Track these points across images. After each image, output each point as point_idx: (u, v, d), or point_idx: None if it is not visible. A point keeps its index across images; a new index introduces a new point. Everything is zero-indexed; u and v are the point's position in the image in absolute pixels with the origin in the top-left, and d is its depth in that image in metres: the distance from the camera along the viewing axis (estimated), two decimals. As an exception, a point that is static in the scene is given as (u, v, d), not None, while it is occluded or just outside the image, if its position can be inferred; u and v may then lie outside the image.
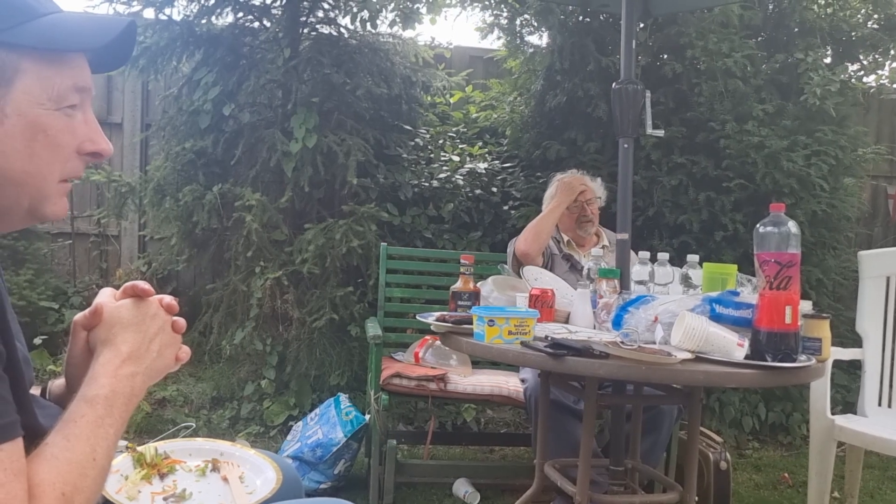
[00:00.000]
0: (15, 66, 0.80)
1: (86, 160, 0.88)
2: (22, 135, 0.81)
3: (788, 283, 1.65)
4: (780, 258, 1.66)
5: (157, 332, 0.92)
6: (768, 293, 1.66)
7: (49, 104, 0.82)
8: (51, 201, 0.86)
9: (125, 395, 0.86)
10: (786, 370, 1.66)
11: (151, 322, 0.92)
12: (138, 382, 0.88)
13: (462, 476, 3.02)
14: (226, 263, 3.93)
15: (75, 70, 0.85)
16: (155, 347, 0.91)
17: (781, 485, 3.37)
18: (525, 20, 4.15)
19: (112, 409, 0.84)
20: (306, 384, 3.73)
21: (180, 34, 3.82)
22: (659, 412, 2.57)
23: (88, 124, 0.87)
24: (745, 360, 1.66)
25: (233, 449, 1.29)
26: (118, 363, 0.87)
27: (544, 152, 3.97)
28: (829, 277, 3.88)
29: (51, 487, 0.74)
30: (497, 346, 1.78)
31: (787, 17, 4.02)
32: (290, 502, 1.14)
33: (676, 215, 3.77)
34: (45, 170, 0.84)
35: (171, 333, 0.94)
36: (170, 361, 0.94)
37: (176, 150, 3.87)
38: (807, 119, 3.81)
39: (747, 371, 1.64)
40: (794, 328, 1.67)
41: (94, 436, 0.80)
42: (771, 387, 3.63)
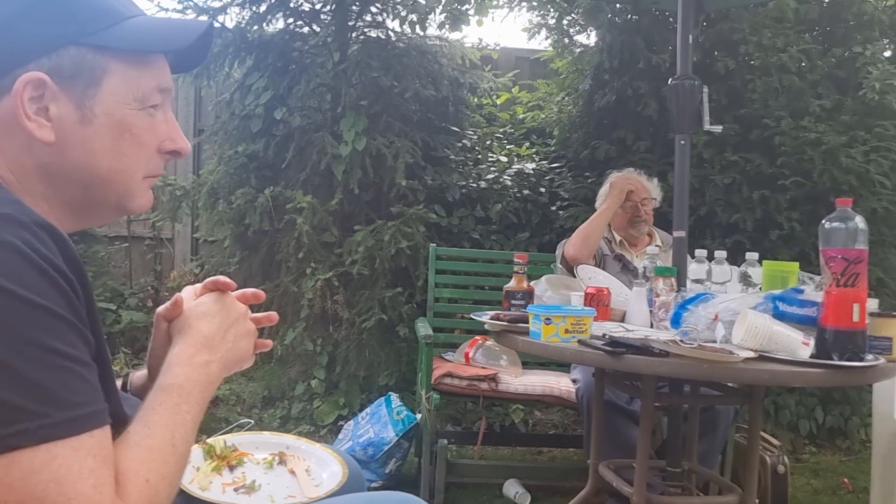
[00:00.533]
0: (104, 68, 0.83)
1: (166, 158, 0.92)
2: (110, 134, 0.84)
3: (856, 279, 1.61)
4: (847, 254, 1.61)
5: (232, 323, 0.94)
6: (835, 290, 1.62)
7: (134, 104, 0.85)
8: (137, 196, 0.89)
9: (201, 383, 0.87)
10: (853, 369, 1.61)
11: (227, 313, 0.94)
12: (214, 370, 0.90)
13: (512, 477, 3.01)
14: (277, 265, 3.99)
15: (158, 71, 0.88)
16: (231, 337, 0.93)
17: (841, 490, 3.27)
18: (573, 19, 4.13)
19: (189, 397, 0.85)
20: (355, 384, 3.76)
21: (233, 40, 3.90)
22: (715, 413, 2.52)
23: (168, 123, 0.90)
24: (810, 359, 1.62)
25: (298, 442, 1.31)
26: (193, 352, 0.89)
27: (593, 152, 3.94)
28: (891, 276, 3.76)
29: (135, 475, 0.76)
30: (554, 345, 1.77)
31: (845, 9, 3.91)
32: (359, 495, 1.15)
33: (729, 214, 3.70)
34: (132, 167, 0.87)
35: (248, 325, 0.96)
36: (246, 352, 0.96)
37: (228, 154, 3.95)
38: (866, 114, 3.70)
39: (813, 370, 1.60)
40: (861, 326, 1.62)
41: (172, 423, 0.82)
42: (838, 386, 3.54)
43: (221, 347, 0.92)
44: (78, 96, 0.82)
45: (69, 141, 0.82)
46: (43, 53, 0.80)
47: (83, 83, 0.82)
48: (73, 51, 0.81)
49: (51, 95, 0.80)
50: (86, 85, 0.82)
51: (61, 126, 0.82)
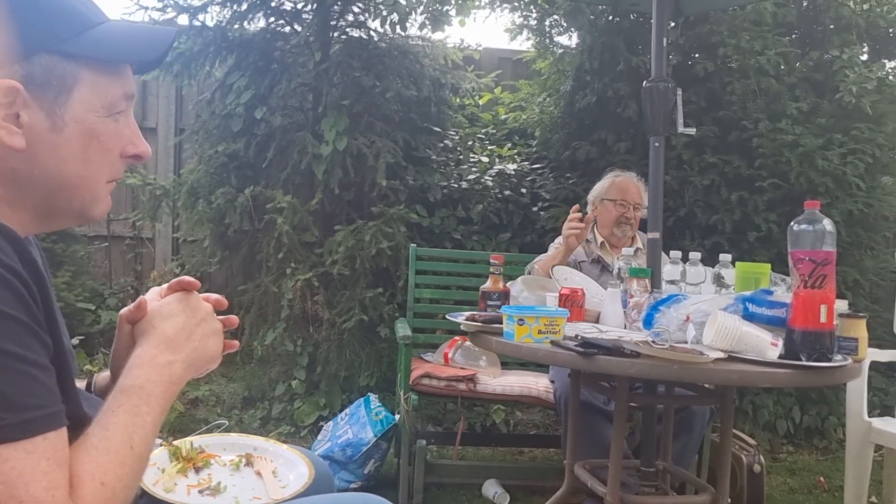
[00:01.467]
0: (74, 76, 0.83)
1: (127, 162, 0.92)
2: (78, 141, 0.85)
3: (823, 281, 1.63)
4: (814, 256, 1.63)
5: (198, 323, 0.93)
6: (803, 292, 1.64)
7: (102, 111, 0.86)
8: (100, 202, 0.90)
9: (162, 384, 0.87)
10: (821, 370, 1.63)
11: (193, 313, 0.94)
12: (177, 371, 0.89)
13: (491, 477, 3.02)
14: (257, 265, 3.98)
15: (125, 78, 0.89)
16: (196, 337, 0.92)
17: (817, 489, 3.31)
18: (554, 21, 4.14)
19: (149, 398, 0.85)
20: (336, 385, 3.76)
21: (213, 39, 3.88)
22: (690, 413, 2.54)
23: (130, 128, 0.91)
24: (779, 360, 1.63)
25: (266, 444, 1.31)
26: (155, 353, 0.89)
27: (574, 153, 3.96)
28: (867, 278, 3.80)
29: (90, 477, 0.76)
30: (527, 345, 1.77)
31: (822, 13, 3.95)
32: (324, 496, 1.15)
33: (708, 215, 3.72)
34: (97, 173, 0.88)
35: (214, 324, 0.96)
36: (213, 352, 0.95)
37: (209, 154, 3.93)
38: (842, 117, 3.74)
39: (781, 371, 1.62)
40: (829, 327, 1.64)
41: (131, 424, 0.82)
42: (806, 387, 3.58)
43: (186, 347, 0.91)
44: (49, 104, 0.82)
45: (39, 148, 0.83)
46: (16, 60, 0.80)
47: (54, 91, 0.82)
48: (45, 58, 0.82)
49: (21, 102, 0.81)
50: (57, 93, 0.82)
51: (31, 133, 0.82)
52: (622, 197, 2.94)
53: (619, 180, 3.01)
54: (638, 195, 2.96)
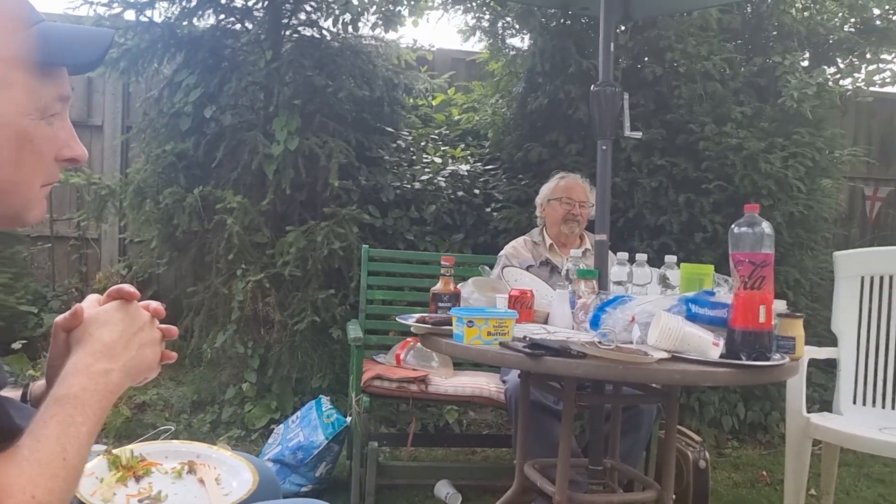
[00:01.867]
0: (7, 78, 0.81)
1: (63, 165, 0.90)
2: (10, 145, 0.82)
3: (762, 282, 1.67)
4: (754, 258, 1.68)
5: (136, 331, 0.92)
6: (743, 293, 1.68)
7: (35, 115, 0.83)
8: (34, 206, 0.87)
9: (99, 393, 0.85)
10: (760, 368, 1.68)
11: (131, 321, 0.92)
12: (114, 379, 0.87)
13: (444, 477, 3.03)
14: (207, 266, 3.91)
15: (60, 80, 0.86)
16: (134, 345, 0.91)
17: (759, 483, 3.40)
18: (506, 23, 4.17)
19: (84, 408, 0.82)
20: (288, 387, 3.72)
21: (161, 36, 3.80)
22: (638, 412, 2.59)
23: (66, 130, 0.89)
24: (720, 359, 1.68)
25: (209, 451, 1.29)
26: (91, 361, 0.87)
27: (526, 154, 3.99)
28: (807, 278, 3.93)
29: (21, 491, 0.74)
30: (476, 347, 1.78)
31: (765, 20, 4.07)
32: (267, 503, 1.14)
33: (657, 217, 3.80)
34: (31, 178, 0.85)
35: (153, 333, 0.94)
36: (151, 361, 0.93)
37: (157, 153, 3.86)
38: (784, 121, 3.85)
39: (722, 370, 1.66)
40: (767, 327, 1.69)
41: (64, 435, 0.80)
42: (745, 385, 3.68)
43: (123, 356, 0.89)
44: None
45: None
46: None
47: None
48: None
49: None
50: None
51: None
52: (567, 195, 3.01)
53: (566, 178, 3.09)
54: (583, 193, 3.03)
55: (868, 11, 4.10)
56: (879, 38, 4.22)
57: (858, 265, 2.96)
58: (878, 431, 2.59)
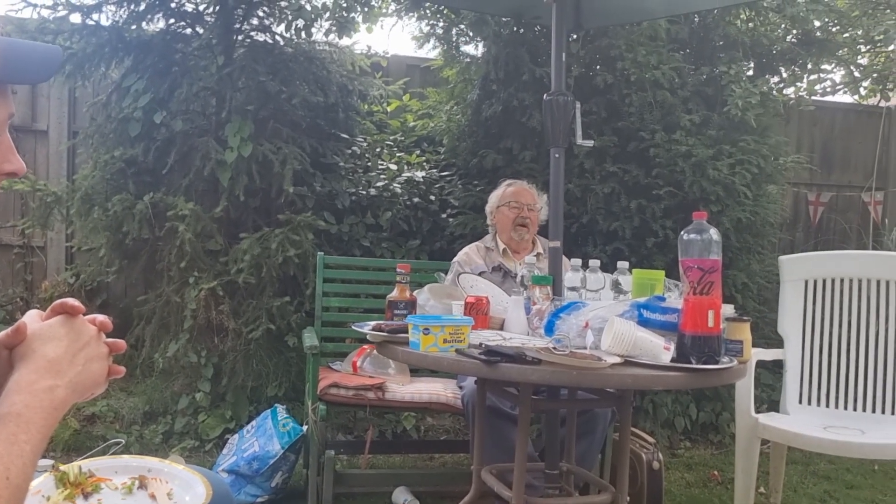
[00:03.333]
0: None
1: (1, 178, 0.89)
2: None
3: (711, 288, 1.72)
4: (702, 264, 1.72)
5: (82, 346, 0.90)
6: (692, 298, 1.73)
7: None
8: None
9: (44, 410, 0.83)
10: (709, 372, 1.72)
11: (77, 335, 0.90)
12: (59, 396, 0.85)
13: (401, 484, 3.03)
14: (158, 274, 3.84)
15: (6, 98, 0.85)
16: (80, 361, 0.89)
17: (711, 482, 3.48)
18: (460, 30, 4.19)
19: (28, 426, 0.80)
20: (243, 396, 3.67)
21: (109, 40, 3.72)
22: (593, 415, 2.62)
23: (5, 144, 0.88)
24: (671, 363, 1.72)
25: (161, 465, 1.26)
26: (35, 377, 0.84)
27: (481, 161, 4.02)
28: (754, 281, 4.04)
29: None
30: (432, 355, 1.79)
31: (712, 31, 4.17)
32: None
33: (609, 222, 3.86)
34: None
35: (101, 348, 0.92)
36: (98, 377, 0.91)
37: (105, 159, 3.77)
38: (730, 129, 3.96)
39: (673, 374, 1.70)
40: (716, 331, 1.74)
41: (6, 454, 0.77)
42: (696, 388, 3.76)
43: (69, 372, 0.87)
44: None
45: None
46: None
47: None
48: None
49: None
50: None
51: None
52: (516, 199, 3.05)
53: (514, 185, 3.14)
54: (531, 197, 3.08)
55: (809, 24, 4.24)
56: (819, 50, 4.37)
57: (802, 269, 3.05)
58: (823, 430, 2.67)
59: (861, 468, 3.69)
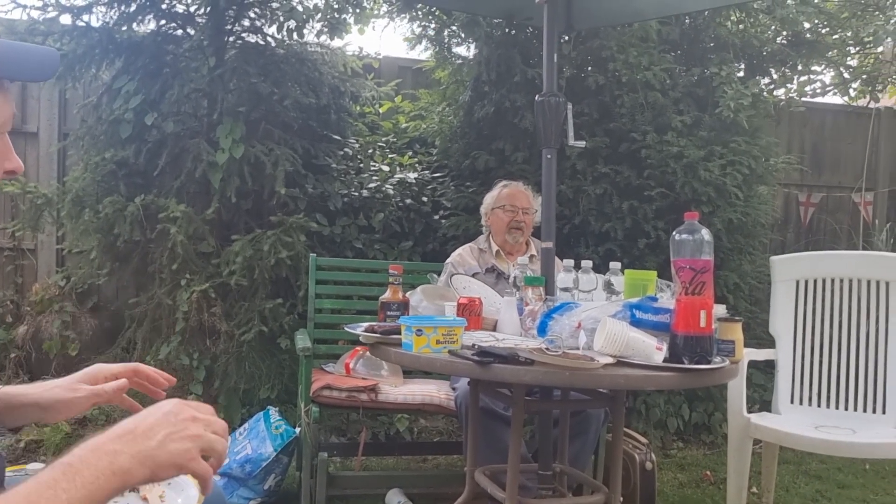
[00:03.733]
0: None
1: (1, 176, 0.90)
2: None
3: (703, 288, 1.72)
4: (694, 264, 1.73)
5: (167, 423, 0.85)
6: (684, 298, 1.73)
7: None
8: None
9: (97, 469, 0.78)
10: (701, 372, 1.73)
11: (167, 412, 0.87)
12: (120, 462, 0.80)
13: (395, 486, 3.02)
14: (150, 276, 3.83)
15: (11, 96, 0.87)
16: (158, 436, 0.84)
17: (704, 482, 3.49)
18: (452, 32, 4.20)
19: (73, 477, 0.77)
20: (235, 398, 3.66)
21: (99, 41, 3.71)
22: (586, 416, 2.63)
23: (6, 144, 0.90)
24: (663, 364, 1.72)
25: None
26: (105, 440, 0.82)
27: (473, 162, 4.02)
28: (746, 282, 4.05)
29: None
30: (425, 356, 1.79)
31: (703, 32, 4.19)
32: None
33: (602, 223, 3.87)
34: None
35: (193, 429, 0.87)
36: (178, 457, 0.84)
37: (95, 161, 3.76)
38: (722, 130, 3.97)
39: (665, 374, 1.70)
40: (708, 331, 1.74)
41: (37, 494, 0.74)
42: (688, 388, 3.76)
43: (141, 443, 0.83)
44: None
45: None
46: None
47: None
48: None
49: None
50: None
51: None
52: (511, 202, 3.05)
53: (509, 187, 3.13)
54: (527, 200, 3.07)
55: (799, 25, 4.26)
56: (809, 51, 4.39)
57: (793, 269, 3.06)
58: (815, 430, 2.69)
59: (852, 467, 3.71)
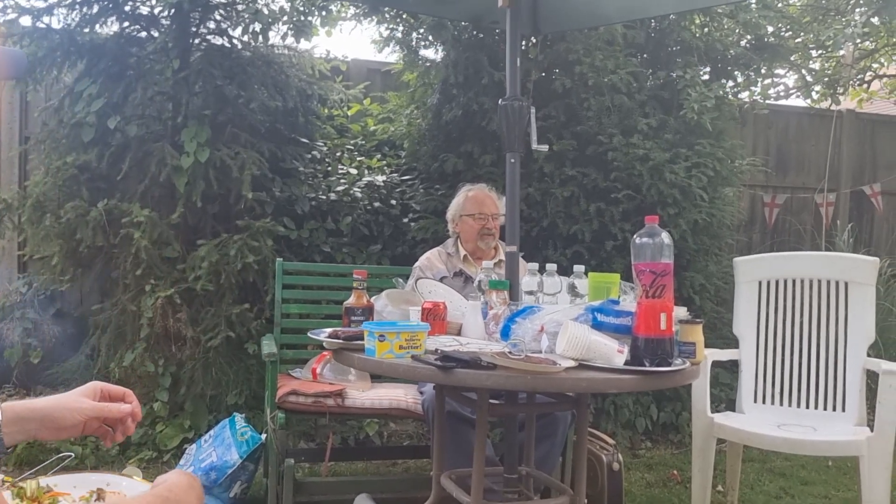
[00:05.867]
0: None
1: None
2: None
3: (663, 291, 1.74)
4: (654, 268, 1.75)
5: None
6: (645, 301, 1.75)
7: None
8: None
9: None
10: (662, 374, 1.74)
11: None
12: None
13: (363, 491, 2.99)
14: (114, 282, 3.77)
15: None
16: None
17: (671, 482, 3.52)
18: (420, 35, 4.19)
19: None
20: (202, 405, 3.62)
21: (60, 43, 3.64)
22: (553, 419, 2.63)
23: None
24: (624, 367, 1.73)
25: (120, 479, 1.25)
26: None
27: (442, 165, 4.02)
28: (711, 282, 4.10)
29: None
30: (388, 361, 1.78)
31: (667, 36, 4.24)
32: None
33: (569, 226, 3.89)
34: None
35: None
36: None
37: (57, 165, 3.68)
38: (687, 133, 4.02)
39: (626, 376, 1.72)
40: (668, 334, 1.76)
41: None
42: (649, 390, 3.80)
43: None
44: None
45: None
46: None
47: None
48: None
49: None
50: None
51: None
52: (479, 210, 3.03)
53: (473, 194, 3.10)
54: (493, 205, 3.05)
55: (761, 29, 4.33)
56: (772, 55, 4.46)
57: (756, 270, 3.11)
58: (777, 428, 2.73)
59: (816, 464, 3.77)
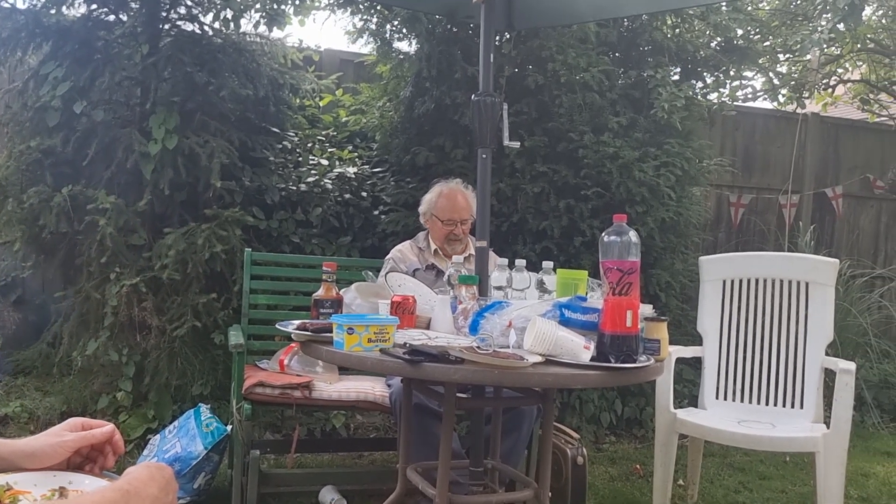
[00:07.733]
0: None
1: None
2: None
3: (629, 288, 1.77)
4: (621, 266, 1.77)
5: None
6: (611, 299, 1.77)
7: None
8: None
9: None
10: (627, 370, 1.77)
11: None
12: None
13: (329, 483, 3.00)
14: (77, 269, 3.70)
15: None
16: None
17: (634, 476, 3.58)
18: (394, 27, 4.18)
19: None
20: (167, 395, 3.58)
21: (25, 24, 3.56)
22: (519, 413, 2.66)
23: None
24: (590, 363, 1.76)
25: (82, 477, 1.23)
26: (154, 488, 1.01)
27: (413, 158, 4.02)
28: (677, 280, 4.16)
29: None
30: (356, 354, 1.79)
31: (639, 36, 4.28)
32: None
33: (539, 221, 3.92)
34: None
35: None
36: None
37: (20, 149, 3.61)
38: (656, 132, 4.07)
39: (592, 372, 1.74)
40: (634, 331, 1.79)
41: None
42: (614, 386, 3.85)
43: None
44: None
45: None
46: None
47: None
48: None
49: None
50: None
51: None
52: (450, 216, 2.96)
53: (447, 192, 3.02)
54: (466, 209, 2.98)
55: (731, 31, 4.40)
56: (741, 57, 4.53)
57: (720, 269, 3.17)
58: (737, 424, 2.79)
59: (774, 460, 3.86)
